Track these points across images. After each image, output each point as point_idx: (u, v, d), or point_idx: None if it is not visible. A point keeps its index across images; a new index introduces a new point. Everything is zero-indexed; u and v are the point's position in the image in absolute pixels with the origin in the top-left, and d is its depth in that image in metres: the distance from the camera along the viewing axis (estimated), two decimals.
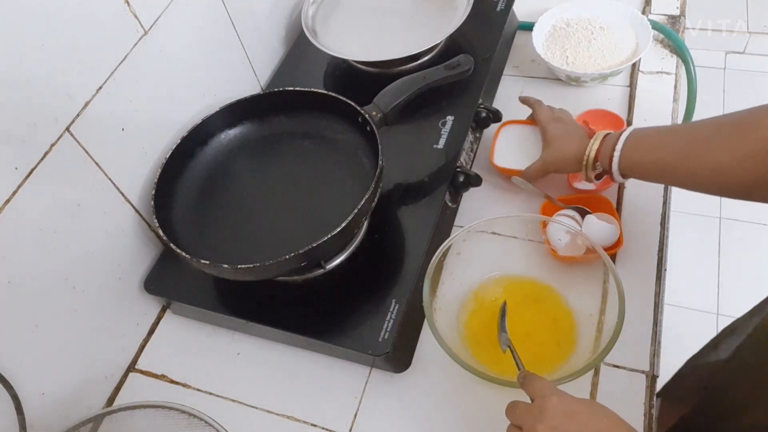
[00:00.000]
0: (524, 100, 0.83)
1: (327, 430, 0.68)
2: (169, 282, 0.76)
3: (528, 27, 0.97)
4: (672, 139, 0.64)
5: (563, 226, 0.70)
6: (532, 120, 0.83)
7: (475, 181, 0.79)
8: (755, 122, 0.57)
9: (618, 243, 0.73)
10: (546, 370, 0.64)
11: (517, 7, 0.98)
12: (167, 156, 0.74)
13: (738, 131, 0.58)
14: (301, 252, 0.62)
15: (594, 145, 0.70)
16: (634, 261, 0.73)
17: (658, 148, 0.65)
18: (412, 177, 0.78)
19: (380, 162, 0.67)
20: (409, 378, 0.70)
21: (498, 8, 0.95)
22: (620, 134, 0.68)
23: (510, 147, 0.83)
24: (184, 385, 0.74)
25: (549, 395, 0.52)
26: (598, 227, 0.72)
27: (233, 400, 0.72)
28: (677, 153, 0.63)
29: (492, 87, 0.93)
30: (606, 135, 0.70)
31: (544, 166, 0.76)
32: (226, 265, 0.63)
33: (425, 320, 0.68)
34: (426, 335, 0.72)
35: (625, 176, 0.69)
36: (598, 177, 0.73)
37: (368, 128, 0.72)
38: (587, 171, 0.72)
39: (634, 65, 0.93)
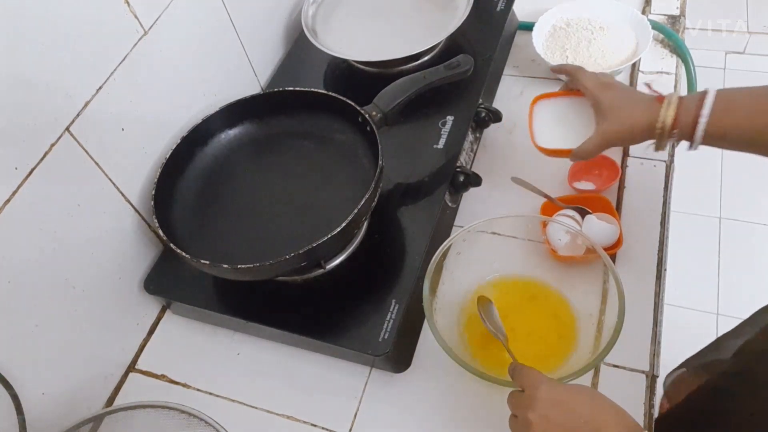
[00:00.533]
0: (560, 69, 0.76)
1: (327, 430, 0.68)
2: (169, 282, 0.76)
3: (528, 27, 0.97)
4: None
5: (563, 226, 0.70)
6: (568, 91, 0.76)
7: (475, 181, 0.79)
8: None
9: (618, 243, 0.73)
10: (548, 368, 0.64)
11: (517, 7, 0.98)
12: (167, 156, 0.74)
13: None
14: (301, 252, 0.62)
15: (669, 111, 0.62)
16: (634, 261, 0.73)
17: (757, 113, 0.58)
18: (412, 177, 0.78)
19: (380, 162, 0.67)
20: (409, 378, 0.70)
21: (498, 8, 0.95)
22: (702, 97, 0.61)
23: (551, 124, 0.75)
24: (184, 385, 0.74)
25: (539, 384, 0.53)
26: (598, 227, 0.72)
27: (233, 400, 0.72)
28: None
29: (492, 87, 0.93)
30: (681, 98, 0.63)
31: (604, 141, 0.67)
32: (226, 265, 0.63)
33: (425, 320, 0.68)
34: (426, 335, 0.72)
35: (708, 144, 0.62)
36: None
37: (368, 128, 0.72)
38: (662, 140, 0.64)
39: (634, 65, 0.93)
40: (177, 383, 0.75)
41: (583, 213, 0.75)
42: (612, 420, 0.50)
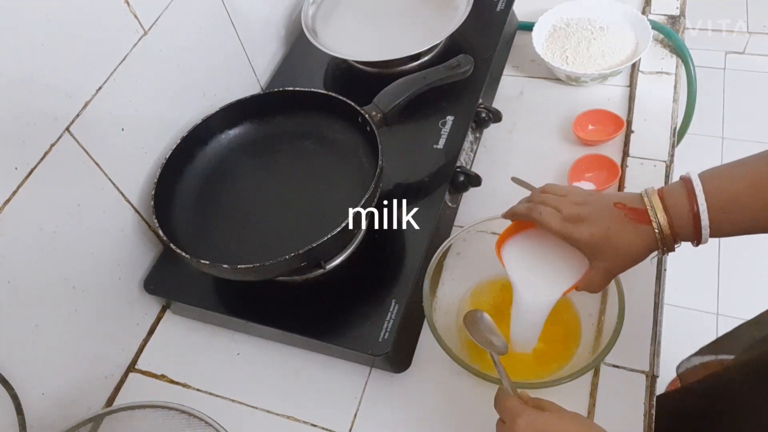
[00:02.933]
0: (510, 215, 0.64)
1: (327, 430, 0.68)
2: (169, 282, 0.76)
3: (528, 27, 0.97)
4: (753, 168, 0.52)
5: None
6: (522, 222, 0.65)
7: (475, 181, 0.79)
8: None
9: None
10: (555, 368, 0.65)
11: (517, 7, 0.98)
12: (167, 156, 0.74)
13: None
14: (301, 252, 0.62)
15: (662, 220, 0.54)
16: None
17: (759, 210, 0.51)
18: (412, 177, 0.78)
19: (380, 162, 0.67)
20: (409, 378, 0.70)
21: (498, 8, 0.95)
22: (687, 187, 0.53)
23: (534, 270, 0.63)
24: (184, 385, 0.74)
25: (516, 417, 0.51)
26: None
27: (233, 400, 0.72)
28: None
29: (492, 87, 0.93)
30: (660, 196, 0.55)
31: (610, 275, 0.59)
32: (226, 265, 0.63)
33: (425, 320, 0.68)
34: (426, 335, 0.72)
35: (717, 235, 0.54)
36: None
37: (368, 128, 0.72)
38: (668, 249, 0.56)
39: (634, 65, 0.93)
40: (177, 383, 0.75)
41: None
42: None
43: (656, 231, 0.54)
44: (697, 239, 0.54)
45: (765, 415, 0.62)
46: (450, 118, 0.83)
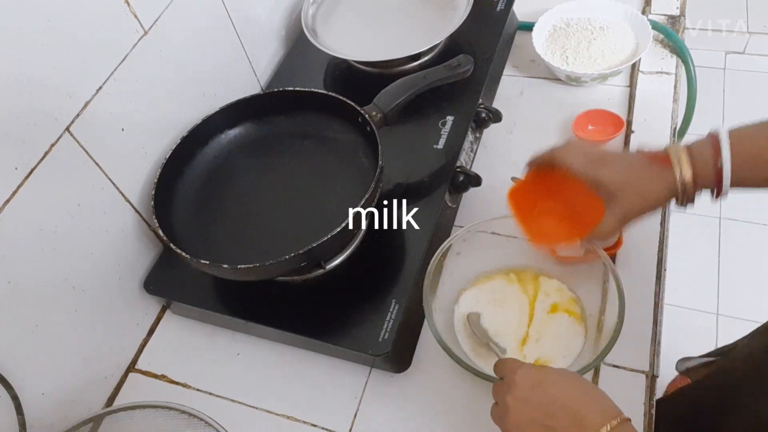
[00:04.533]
0: (537, 162, 0.66)
1: (327, 430, 0.68)
2: (169, 282, 0.76)
3: (528, 27, 0.97)
4: None
5: None
6: (538, 173, 0.67)
7: (475, 181, 0.79)
8: None
9: (618, 243, 0.73)
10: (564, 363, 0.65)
11: (517, 7, 0.98)
12: (167, 156, 0.74)
13: None
14: (301, 252, 0.62)
15: (684, 171, 0.55)
16: (634, 261, 0.73)
17: None
18: (412, 177, 0.78)
19: (380, 162, 0.67)
20: (409, 378, 0.70)
21: (498, 8, 0.95)
22: (716, 147, 0.54)
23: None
24: (184, 385, 0.74)
25: (516, 369, 0.53)
26: None
27: (233, 400, 0.72)
28: None
29: (492, 87, 0.93)
30: (689, 152, 0.56)
31: (623, 219, 0.59)
32: (226, 265, 0.63)
33: (425, 320, 0.68)
34: (426, 335, 0.72)
35: (738, 186, 0.55)
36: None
37: (368, 128, 0.72)
38: (688, 198, 0.57)
39: (634, 65, 0.93)
40: (177, 383, 0.75)
41: None
42: (590, 401, 0.50)
43: (678, 176, 0.55)
44: (718, 189, 0.55)
45: (763, 415, 0.62)
46: (450, 118, 0.83)
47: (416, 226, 0.73)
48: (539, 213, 0.68)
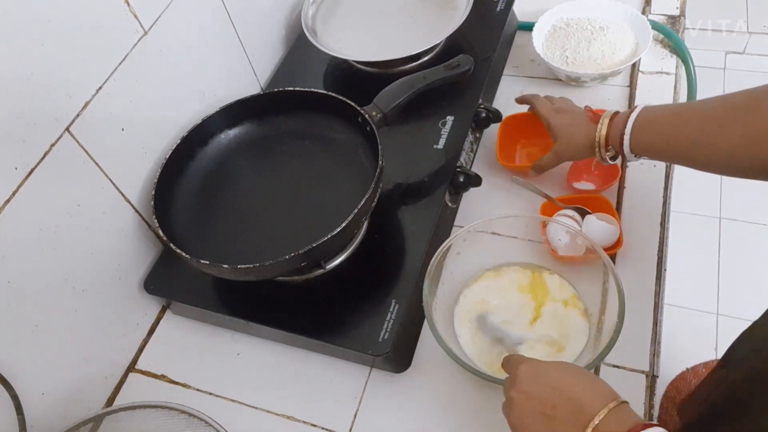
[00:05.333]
0: (521, 100, 0.83)
1: (327, 430, 0.68)
2: (169, 282, 0.76)
3: (528, 27, 0.97)
4: (682, 121, 0.63)
5: (563, 226, 0.70)
6: (532, 114, 0.82)
7: (475, 181, 0.79)
8: (765, 100, 0.57)
9: (618, 243, 0.73)
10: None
11: (517, 7, 0.98)
12: (167, 156, 0.74)
13: (749, 111, 0.57)
14: (301, 252, 0.62)
15: (602, 129, 0.69)
16: (634, 261, 0.73)
17: (669, 130, 0.64)
18: (412, 177, 0.78)
19: (380, 162, 0.67)
20: (409, 378, 0.70)
21: (498, 8, 0.95)
22: (628, 115, 0.67)
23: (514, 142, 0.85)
24: (184, 385, 0.74)
25: (519, 364, 0.54)
26: (598, 227, 0.72)
27: (233, 400, 0.72)
28: (689, 136, 0.62)
29: (492, 87, 0.93)
30: (613, 115, 0.69)
31: (557, 157, 0.76)
32: (226, 265, 0.63)
33: (425, 320, 0.68)
34: (426, 335, 0.72)
35: (637, 156, 0.68)
36: (613, 158, 0.72)
37: (368, 128, 0.72)
38: (601, 154, 0.71)
39: (634, 65, 0.93)
40: (177, 383, 0.75)
41: (583, 213, 0.75)
42: (588, 388, 0.51)
43: (597, 133, 0.70)
44: (620, 151, 0.68)
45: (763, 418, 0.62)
46: (450, 118, 0.83)
47: (416, 226, 0.73)
48: (513, 142, 0.87)
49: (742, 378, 0.62)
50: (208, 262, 0.63)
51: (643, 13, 0.99)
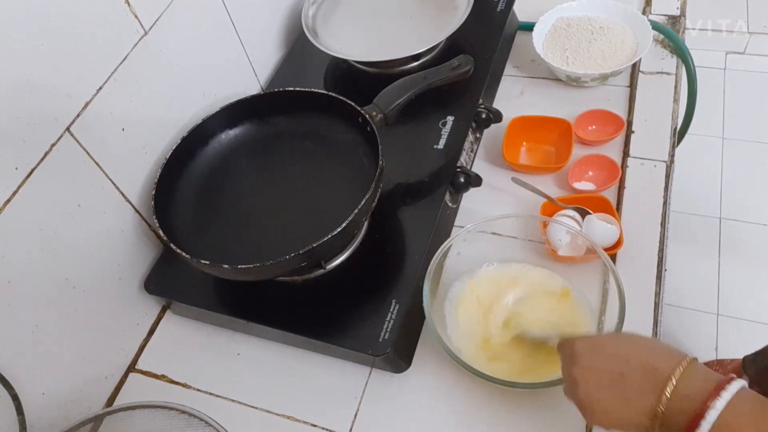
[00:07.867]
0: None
1: (327, 430, 0.68)
2: (169, 282, 0.76)
3: (528, 27, 0.97)
4: None
5: (563, 226, 0.70)
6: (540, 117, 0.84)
7: (475, 181, 0.79)
8: None
9: (618, 243, 0.73)
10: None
11: (517, 7, 0.98)
12: (167, 156, 0.74)
13: None
14: (301, 252, 0.62)
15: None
16: (634, 261, 0.73)
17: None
18: (412, 177, 0.78)
19: (380, 162, 0.67)
20: (409, 378, 0.70)
21: (498, 8, 0.95)
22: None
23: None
24: (184, 385, 0.74)
25: (573, 342, 0.53)
26: (598, 227, 0.72)
27: (233, 400, 0.72)
28: None
29: (492, 87, 0.93)
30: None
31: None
32: (226, 265, 0.63)
33: (425, 320, 0.68)
34: (426, 335, 0.72)
35: None
36: None
37: (368, 128, 0.72)
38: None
39: (634, 65, 0.93)
40: (177, 383, 0.75)
41: (583, 213, 0.75)
42: (656, 350, 0.48)
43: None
44: None
45: None
46: (450, 118, 0.83)
47: (416, 226, 0.73)
48: (518, 142, 0.86)
49: None
50: (208, 262, 0.63)
51: (644, 13, 0.99)
